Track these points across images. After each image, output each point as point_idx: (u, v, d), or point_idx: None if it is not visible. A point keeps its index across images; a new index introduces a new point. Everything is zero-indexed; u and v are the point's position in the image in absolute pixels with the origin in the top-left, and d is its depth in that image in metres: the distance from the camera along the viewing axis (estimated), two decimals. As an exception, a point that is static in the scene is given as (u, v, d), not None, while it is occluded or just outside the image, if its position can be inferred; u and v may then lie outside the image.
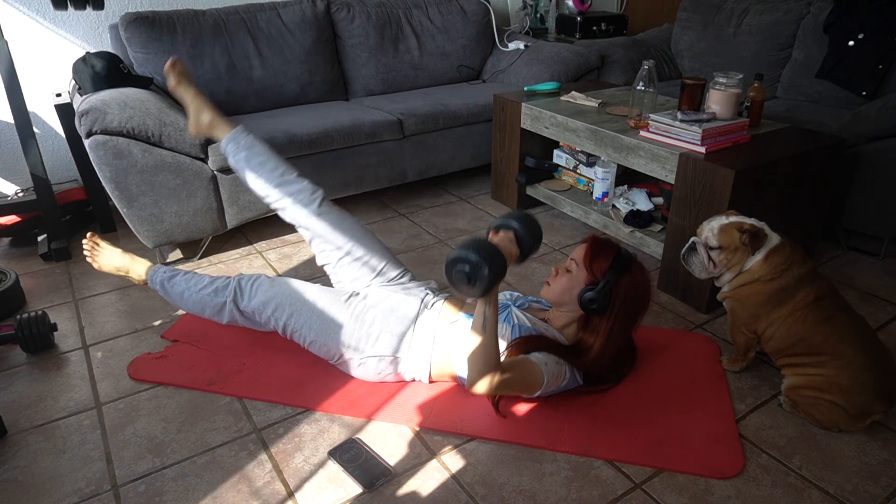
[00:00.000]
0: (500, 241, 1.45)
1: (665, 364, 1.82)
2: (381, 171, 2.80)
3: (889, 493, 1.41)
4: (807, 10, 2.99)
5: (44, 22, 2.69)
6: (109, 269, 1.99)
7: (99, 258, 1.99)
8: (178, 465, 1.50)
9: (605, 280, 1.54)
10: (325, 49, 3.04)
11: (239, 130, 1.83)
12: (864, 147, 2.31)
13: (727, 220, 1.68)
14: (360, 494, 1.42)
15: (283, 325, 1.74)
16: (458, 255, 1.31)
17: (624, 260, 1.57)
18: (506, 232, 1.50)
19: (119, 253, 1.98)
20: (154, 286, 1.92)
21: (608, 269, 1.55)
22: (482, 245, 1.31)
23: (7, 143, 2.77)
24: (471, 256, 1.29)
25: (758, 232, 1.62)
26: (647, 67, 2.23)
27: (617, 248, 1.59)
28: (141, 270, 1.95)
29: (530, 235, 1.51)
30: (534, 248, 1.53)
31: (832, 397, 1.53)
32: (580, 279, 1.58)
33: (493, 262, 1.29)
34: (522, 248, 1.50)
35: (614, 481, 1.44)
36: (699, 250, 1.71)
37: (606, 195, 2.56)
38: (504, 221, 1.52)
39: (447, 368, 1.67)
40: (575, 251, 1.65)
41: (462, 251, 1.31)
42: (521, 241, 1.50)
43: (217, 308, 1.81)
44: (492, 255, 1.30)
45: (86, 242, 1.98)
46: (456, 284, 1.34)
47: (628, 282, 1.56)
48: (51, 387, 1.78)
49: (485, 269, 1.29)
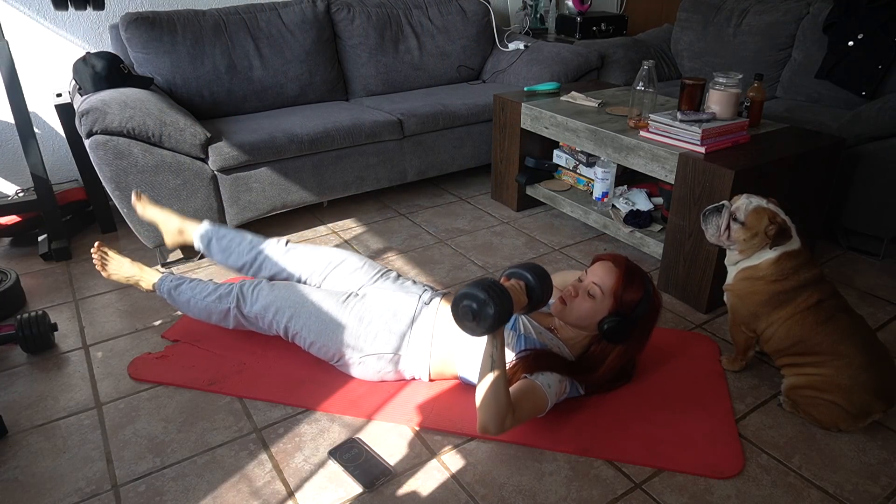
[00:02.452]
0: (511, 287, 1.43)
1: (665, 364, 1.82)
2: (381, 171, 2.81)
3: (889, 492, 1.41)
4: (806, 10, 2.99)
5: (44, 22, 2.70)
6: (118, 279, 2.00)
7: (108, 267, 1.99)
8: (178, 464, 1.50)
9: (634, 315, 1.53)
10: (325, 49, 3.04)
11: (205, 225, 2.01)
12: (864, 147, 2.31)
13: (765, 204, 1.64)
14: (360, 494, 1.42)
15: (285, 328, 1.74)
16: (466, 292, 1.32)
17: (650, 292, 1.55)
18: (517, 281, 1.47)
19: (128, 262, 1.99)
20: (161, 294, 1.94)
21: (637, 303, 1.53)
22: (491, 286, 1.32)
23: (7, 143, 2.77)
24: (479, 294, 1.30)
25: (786, 230, 1.60)
26: (646, 67, 2.23)
27: (646, 279, 1.56)
28: (149, 279, 1.97)
29: (540, 288, 1.47)
30: (542, 300, 1.49)
31: (832, 397, 1.53)
32: (604, 307, 1.54)
33: (500, 303, 1.30)
34: (531, 298, 1.47)
35: (614, 481, 1.44)
36: (723, 214, 1.68)
37: (606, 195, 2.56)
38: (516, 271, 1.49)
39: (447, 366, 1.68)
40: (597, 273, 1.58)
41: (471, 288, 1.31)
42: (532, 291, 1.47)
43: (223, 314, 1.83)
44: (500, 296, 1.31)
45: (94, 252, 1.99)
46: (461, 320, 1.35)
47: (650, 313, 1.56)
48: (51, 387, 1.78)
49: (490, 308, 1.29)
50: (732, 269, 1.72)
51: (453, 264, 2.42)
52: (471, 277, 2.32)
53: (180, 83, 2.73)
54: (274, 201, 2.56)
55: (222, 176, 2.41)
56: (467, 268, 2.39)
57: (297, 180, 2.59)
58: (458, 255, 2.49)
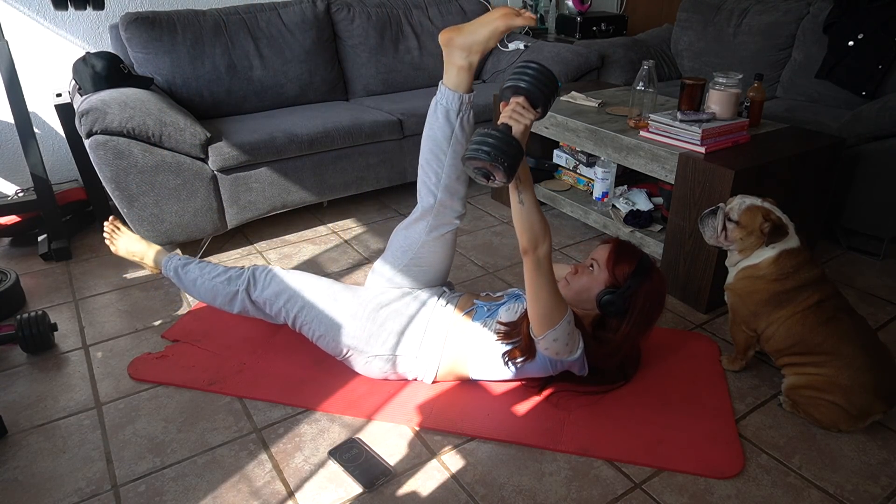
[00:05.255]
0: (513, 115, 1.37)
1: (665, 364, 1.82)
2: (381, 171, 2.81)
3: (889, 492, 1.41)
4: (807, 10, 2.99)
5: (44, 22, 2.70)
6: (125, 254, 2.05)
7: (117, 241, 2.05)
8: (178, 464, 1.50)
9: (626, 285, 1.55)
10: (325, 49, 3.04)
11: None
12: (864, 147, 2.31)
13: (760, 202, 1.65)
14: (360, 494, 1.42)
15: (294, 316, 1.74)
16: (469, 155, 1.29)
17: (646, 266, 1.57)
18: (515, 98, 1.40)
19: (137, 238, 2.06)
20: (168, 273, 1.95)
21: (630, 275, 1.55)
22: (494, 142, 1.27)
23: (7, 143, 2.77)
24: (482, 157, 1.27)
25: (781, 227, 1.60)
26: (646, 67, 2.23)
27: (640, 254, 1.59)
28: (156, 257, 2.00)
29: (542, 92, 1.38)
30: (551, 99, 1.42)
31: (832, 397, 1.53)
32: (600, 280, 1.58)
33: (507, 156, 1.27)
34: (537, 105, 1.40)
35: (614, 481, 1.44)
36: (718, 216, 1.70)
37: (606, 195, 2.56)
38: (512, 83, 1.39)
39: (455, 369, 1.68)
40: (596, 251, 1.65)
41: (473, 152, 1.28)
42: (534, 100, 1.39)
43: (229, 297, 1.82)
44: (503, 148, 1.27)
45: (107, 225, 2.06)
46: (476, 179, 1.35)
47: (648, 289, 1.56)
48: (51, 387, 1.78)
49: (500, 167, 1.27)
50: (733, 270, 1.72)
51: (453, 264, 2.41)
52: (471, 278, 2.32)
53: (180, 83, 2.73)
54: (274, 201, 2.56)
55: (222, 176, 2.40)
56: (467, 268, 2.39)
57: (296, 180, 2.59)
58: (458, 255, 2.49)
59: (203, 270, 1.87)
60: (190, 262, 1.92)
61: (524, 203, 1.40)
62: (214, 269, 1.87)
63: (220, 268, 1.87)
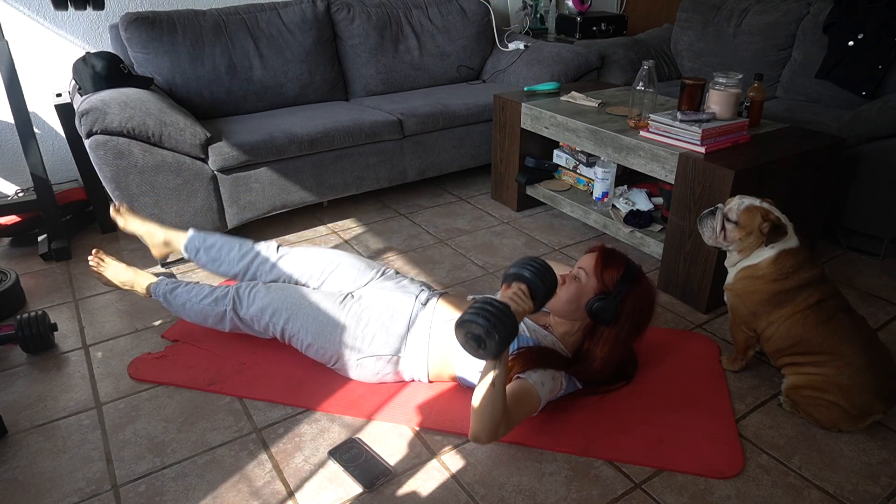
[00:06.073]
0: (513, 297, 1.41)
1: (665, 364, 1.82)
2: (381, 171, 2.81)
3: (889, 492, 1.41)
4: (806, 10, 2.99)
5: (44, 22, 2.70)
6: (115, 284, 2.00)
7: (105, 272, 2.00)
8: (178, 464, 1.50)
9: (616, 291, 1.55)
10: (325, 49, 3.04)
11: (191, 234, 2.01)
12: (864, 147, 2.31)
13: (758, 203, 1.65)
14: (360, 494, 1.42)
15: (281, 329, 1.74)
16: (468, 319, 1.30)
17: (633, 271, 1.58)
18: (519, 286, 1.45)
19: (123, 267, 2.00)
20: (157, 298, 1.93)
21: (619, 280, 1.56)
22: (494, 312, 1.30)
23: (7, 143, 2.77)
24: (481, 322, 1.29)
25: (780, 227, 1.60)
26: (646, 67, 2.23)
27: (626, 259, 1.60)
28: (144, 283, 1.96)
29: (544, 286, 1.45)
30: (548, 296, 1.48)
31: (832, 397, 1.53)
32: (589, 288, 1.58)
33: (504, 330, 1.29)
34: (536, 298, 1.45)
35: (614, 481, 1.44)
36: (717, 216, 1.70)
37: (606, 195, 2.56)
38: (517, 272, 1.47)
39: (445, 367, 1.67)
40: (582, 260, 1.65)
41: (473, 315, 1.30)
42: (536, 292, 1.45)
43: (218, 317, 1.82)
44: (503, 322, 1.30)
45: (92, 259, 2.00)
46: (466, 346, 1.35)
47: (637, 294, 1.57)
48: (51, 387, 1.78)
49: (494, 338, 1.29)
50: (732, 270, 1.72)
51: (453, 264, 2.42)
52: (471, 278, 2.32)
53: (180, 83, 2.73)
54: (274, 201, 2.56)
55: (222, 176, 2.41)
56: (467, 268, 2.39)
57: (296, 180, 2.59)
58: (458, 255, 2.49)
59: (190, 294, 1.87)
60: (177, 285, 1.91)
61: (495, 385, 1.38)
62: (201, 291, 1.86)
63: (206, 288, 1.86)
